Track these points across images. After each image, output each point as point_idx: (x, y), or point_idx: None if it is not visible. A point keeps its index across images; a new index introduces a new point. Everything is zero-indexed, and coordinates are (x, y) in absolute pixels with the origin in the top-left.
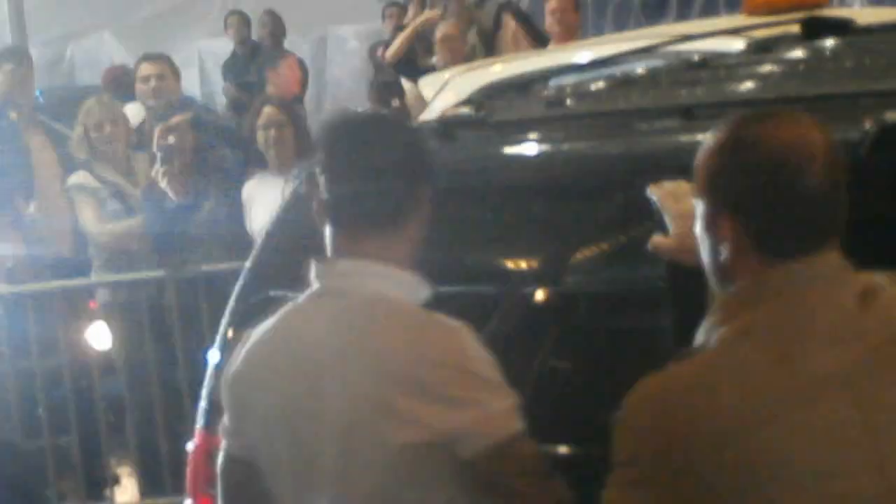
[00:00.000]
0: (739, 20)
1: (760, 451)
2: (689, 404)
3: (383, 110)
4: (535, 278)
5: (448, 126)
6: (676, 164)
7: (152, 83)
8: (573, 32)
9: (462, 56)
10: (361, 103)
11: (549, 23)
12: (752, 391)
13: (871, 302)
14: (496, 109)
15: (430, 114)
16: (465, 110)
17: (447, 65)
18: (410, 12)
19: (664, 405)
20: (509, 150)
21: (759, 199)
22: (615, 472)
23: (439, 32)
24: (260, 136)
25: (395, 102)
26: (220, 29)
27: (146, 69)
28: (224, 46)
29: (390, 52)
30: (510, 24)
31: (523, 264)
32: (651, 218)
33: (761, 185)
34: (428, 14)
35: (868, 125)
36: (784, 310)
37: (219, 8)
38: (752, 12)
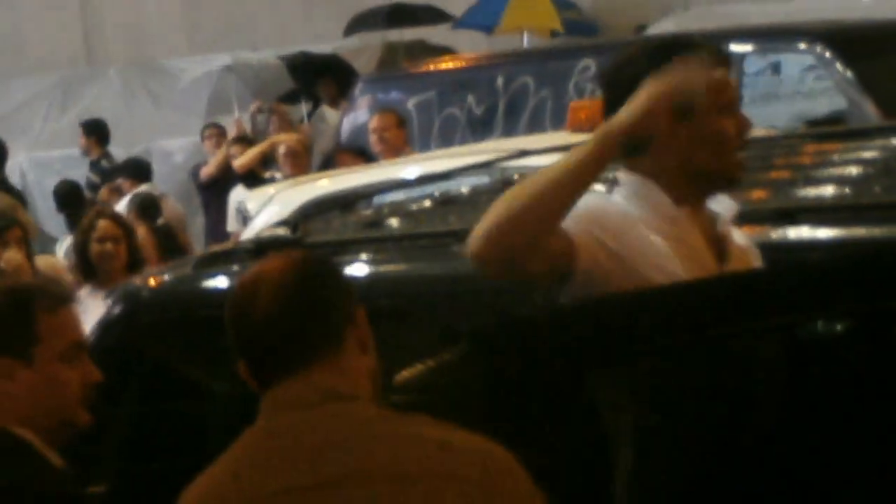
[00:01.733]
0: (564, 137)
1: None
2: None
3: None
4: None
5: (262, 246)
6: (492, 287)
7: None
8: (398, 149)
9: (305, 170)
10: (189, 216)
11: (373, 141)
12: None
13: (336, 430)
14: (312, 230)
15: (252, 230)
16: (281, 231)
17: (290, 178)
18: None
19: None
20: None
21: (229, 334)
22: None
23: (284, 147)
24: (94, 248)
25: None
26: (44, 141)
27: None
28: (46, 158)
29: (241, 161)
30: (345, 160)
31: None
32: None
33: (227, 321)
34: (285, 136)
35: None
36: (253, 431)
37: (41, 120)
38: (576, 129)
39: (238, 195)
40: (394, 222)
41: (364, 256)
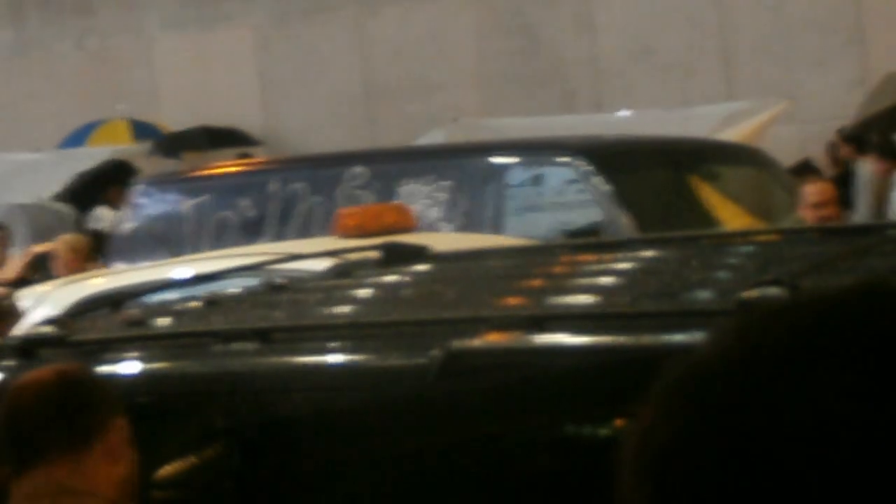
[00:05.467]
0: (332, 242)
1: None
2: None
3: None
4: None
5: (29, 344)
6: (253, 387)
7: None
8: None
9: (77, 271)
10: None
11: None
12: None
13: None
14: (78, 328)
15: (22, 329)
16: (47, 328)
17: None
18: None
19: None
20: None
21: None
22: None
23: (56, 251)
24: None
25: None
26: None
27: None
28: None
29: (11, 272)
30: None
31: None
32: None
33: None
34: (43, 247)
35: (436, 352)
36: None
37: None
38: (344, 235)
39: None
40: (159, 321)
41: (128, 354)
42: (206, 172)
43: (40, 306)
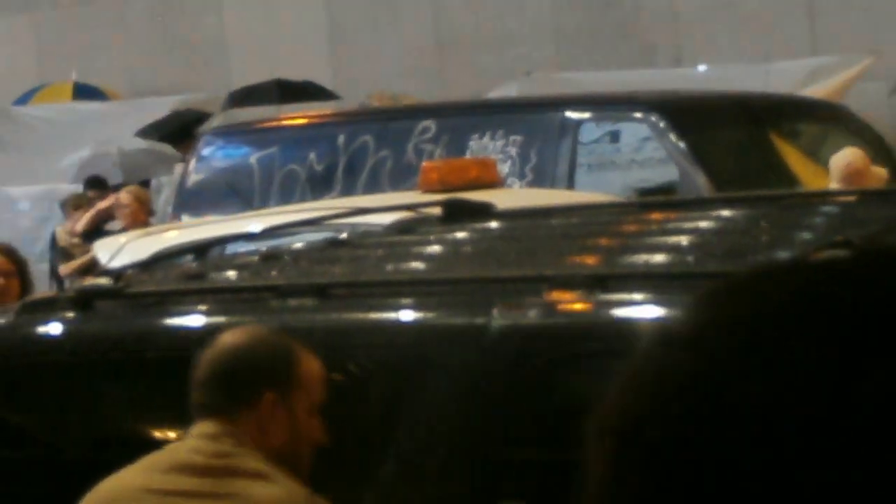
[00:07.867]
0: (413, 196)
1: None
2: None
3: None
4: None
5: (86, 296)
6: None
7: None
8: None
9: (141, 221)
10: (31, 262)
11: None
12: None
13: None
14: (135, 281)
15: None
16: (104, 281)
17: (126, 229)
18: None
19: None
20: (144, 321)
21: None
22: None
23: (121, 200)
24: None
25: None
26: None
27: None
28: None
29: (80, 225)
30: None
31: (158, 433)
32: None
33: None
34: (108, 201)
35: (496, 309)
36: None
37: None
38: (428, 189)
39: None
40: (217, 275)
41: (184, 308)
42: (273, 124)
43: (117, 258)
